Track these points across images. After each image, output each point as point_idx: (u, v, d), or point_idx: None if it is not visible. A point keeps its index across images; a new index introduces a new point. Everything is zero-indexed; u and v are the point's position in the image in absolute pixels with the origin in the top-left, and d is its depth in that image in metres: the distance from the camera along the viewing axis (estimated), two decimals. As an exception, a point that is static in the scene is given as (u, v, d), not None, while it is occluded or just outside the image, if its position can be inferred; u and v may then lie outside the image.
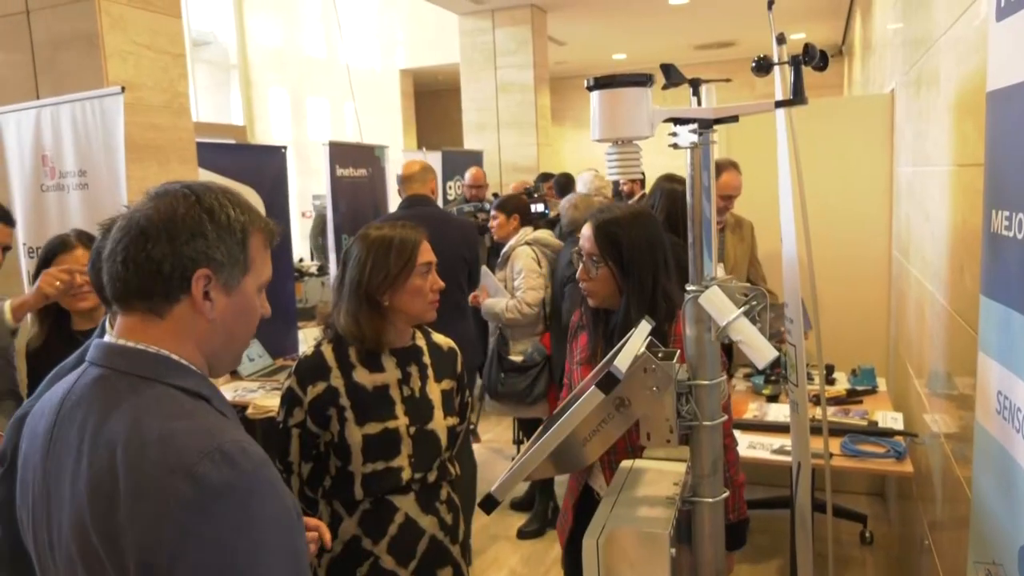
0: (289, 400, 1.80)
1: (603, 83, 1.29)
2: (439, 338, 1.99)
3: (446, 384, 1.91)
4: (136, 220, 0.98)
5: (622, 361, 1.28)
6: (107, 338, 1.01)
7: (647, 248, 1.85)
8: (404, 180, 3.80)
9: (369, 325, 1.79)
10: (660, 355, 1.38)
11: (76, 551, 0.94)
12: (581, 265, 1.90)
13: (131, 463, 0.89)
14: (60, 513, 0.96)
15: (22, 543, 1.35)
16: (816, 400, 2.36)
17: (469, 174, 5.81)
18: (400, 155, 7.43)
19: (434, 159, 7.07)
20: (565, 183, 5.91)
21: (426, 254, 1.83)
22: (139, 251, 0.97)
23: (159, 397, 0.95)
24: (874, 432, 2.67)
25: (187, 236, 0.97)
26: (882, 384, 3.29)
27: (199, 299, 0.99)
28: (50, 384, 1.46)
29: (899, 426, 2.74)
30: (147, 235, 0.97)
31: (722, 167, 3.34)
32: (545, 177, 6.54)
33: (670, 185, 3.16)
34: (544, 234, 3.92)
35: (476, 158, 7.76)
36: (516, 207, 3.98)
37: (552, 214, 4.85)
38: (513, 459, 1.43)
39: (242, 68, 12.04)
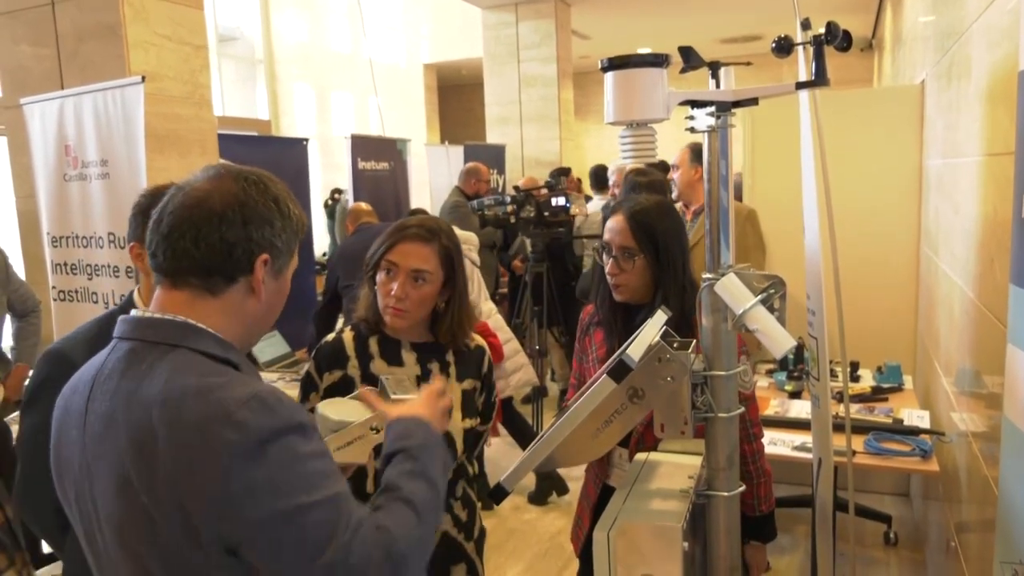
0: (306, 385, 1.79)
1: (618, 63, 1.26)
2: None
3: (468, 384, 1.83)
4: (202, 199, 1.02)
5: (635, 350, 1.25)
6: (134, 312, 1.05)
7: (676, 237, 1.81)
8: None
9: (364, 301, 1.80)
10: (675, 345, 1.35)
11: (121, 511, 0.96)
12: (611, 260, 1.81)
13: (171, 417, 0.93)
14: (102, 481, 0.99)
15: (38, 477, 1.35)
16: (839, 397, 2.30)
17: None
18: (423, 149, 7.42)
19: (456, 153, 7.06)
20: (602, 175, 5.88)
21: (397, 254, 1.72)
22: (213, 232, 1.01)
23: (189, 360, 0.99)
24: (899, 430, 2.60)
25: (259, 222, 1.04)
26: (908, 382, 3.21)
27: (259, 281, 1.05)
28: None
29: (925, 424, 2.67)
30: (223, 218, 1.01)
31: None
32: (561, 171, 6.50)
33: (646, 179, 3.15)
34: None
35: (498, 152, 7.73)
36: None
37: (573, 209, 4.80)
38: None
39: (267, 63, 12.13)
